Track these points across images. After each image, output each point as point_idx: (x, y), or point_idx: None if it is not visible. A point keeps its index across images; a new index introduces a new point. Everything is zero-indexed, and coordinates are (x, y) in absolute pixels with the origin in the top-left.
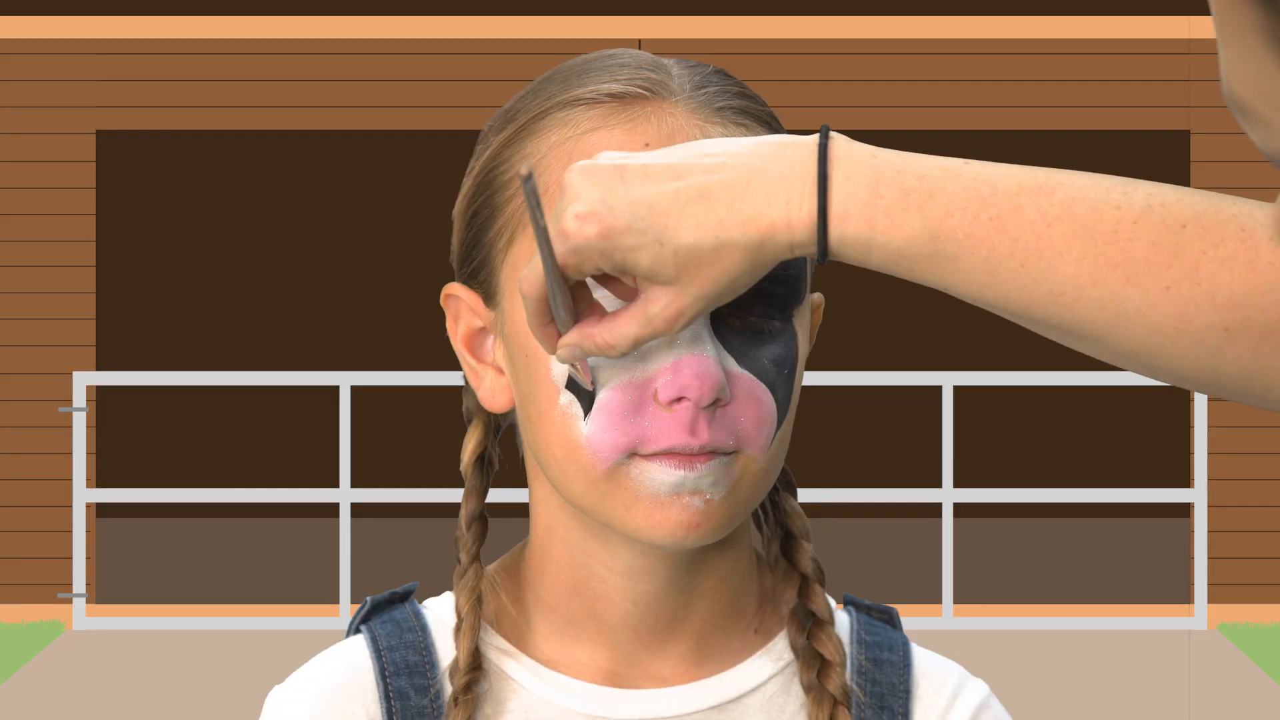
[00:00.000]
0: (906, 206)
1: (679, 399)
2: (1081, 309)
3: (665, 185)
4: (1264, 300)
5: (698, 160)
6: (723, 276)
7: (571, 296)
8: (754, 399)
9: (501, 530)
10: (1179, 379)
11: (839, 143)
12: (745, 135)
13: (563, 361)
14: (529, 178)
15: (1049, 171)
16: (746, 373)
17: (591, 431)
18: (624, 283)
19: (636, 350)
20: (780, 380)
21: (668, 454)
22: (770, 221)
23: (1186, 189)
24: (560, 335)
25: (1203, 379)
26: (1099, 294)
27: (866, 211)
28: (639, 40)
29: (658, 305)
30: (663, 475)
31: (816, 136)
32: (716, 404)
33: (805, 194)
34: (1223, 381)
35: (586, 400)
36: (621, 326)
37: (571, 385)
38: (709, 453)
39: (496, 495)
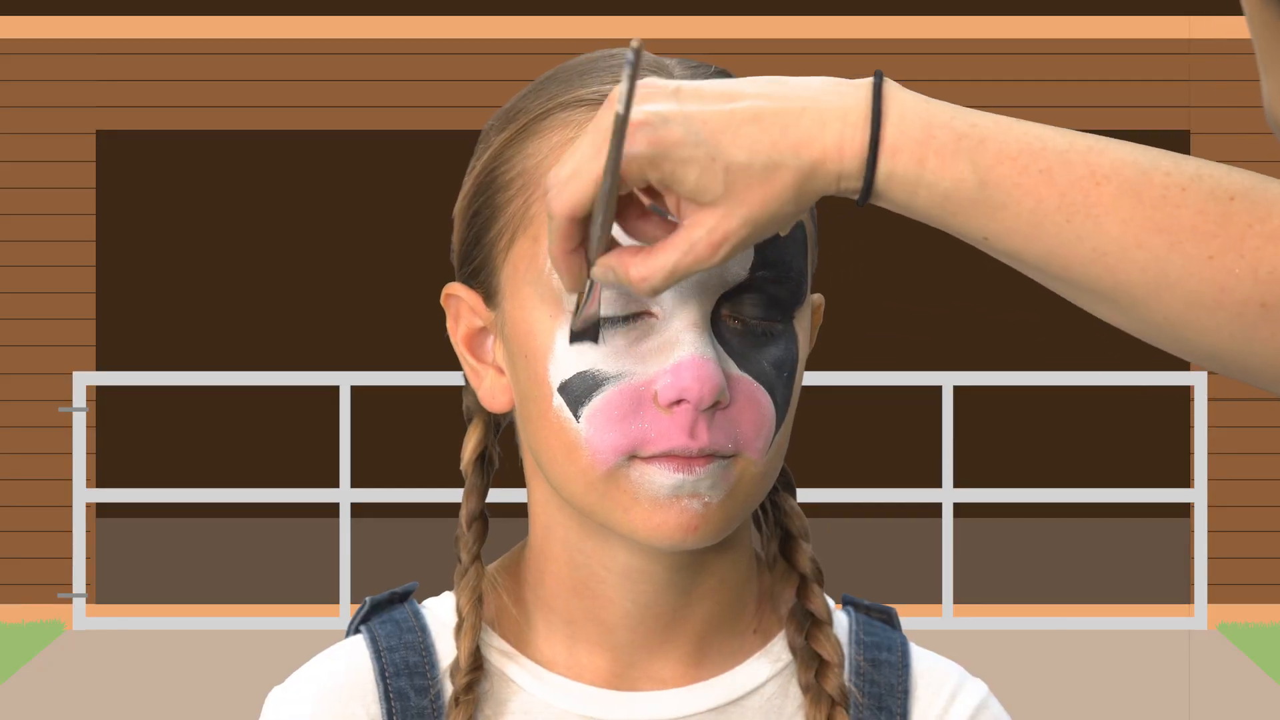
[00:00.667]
0: (958, 150)
1: (679, 401)
2: (1123, 271)
3: (720, 105)
4: None
5: (751, 87)
6: (771, 200)
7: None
8: (753, 402)
9: (501, 530)
10: (1208, 355)
11: (893, 85)
12: None
13: (599, 279)
14: (639, 50)
15: (1099, 137)
16: (746, 375)
17: (590, 433)
18: (664, 211)
19: (636, 349)
20: (780, 383)
21: (667, 456)
22: (823, 147)
23: (1234, 167)
24: (587, 264)
25: (1231, 356)
26: (1142, 257)
27: (918, 150)
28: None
29: (702, 229)
30: (661, 478)
31: (871, 78)
32: (716, 406)
33: (859, 125)
34: (1251, 361)
35: (591, 334)
36: (658, 259)
37: (579, 321)
38: (708, 455)
39: (497, 495)
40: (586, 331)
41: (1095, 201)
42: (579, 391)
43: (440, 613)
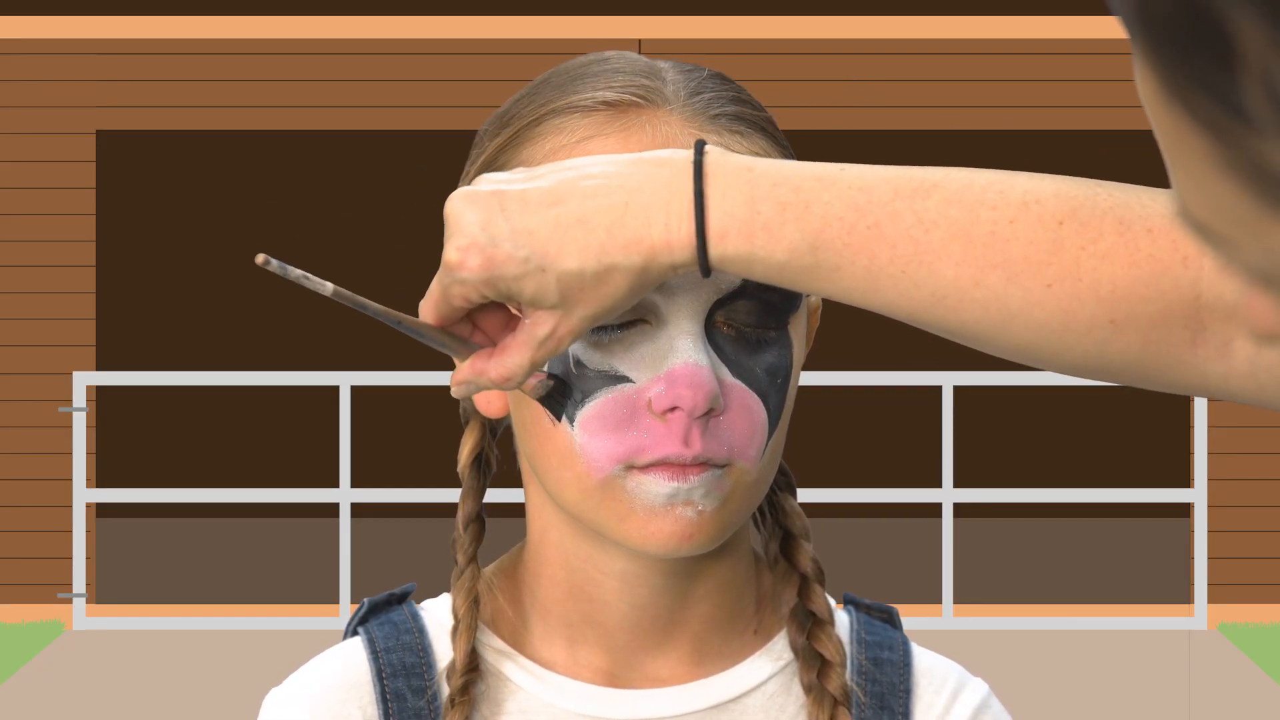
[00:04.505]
0: (784, 220)
1: (673, 409)
2: (965, 311)
3: (545, 212)
4: (1147, 292)
5: (577, 183)
6: (607, 299)
7: (473, 322)
8: (746, 410)
9: (502, 530)
10: (1070, 370)
11: (713, 157)
12: (740, 142)
13: (458, 397)
14: (266, 262)
15: (925, 172)
16: (739, 383)
17: (585, 441)
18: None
19: (630, 356)
20: (773, 390)
21: (661, 464)
22: (651, 244)
23: (1065, 180)
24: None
25: (1091, 368)
26: (981, 295)
27: (744, 228)
28: (638, 40)
29: (545, 329)
30: (656, 487)
31: (691, 153)
32: (710, 414)
33: (683, 215)
34: (1113, 369)
35: (557, 407)
36: (512, 357)
37: (547, 400)
38: (701, 464)
39: (497, 496)
40: (553, 392)
41: (925, 249)
42: (573, 399)
43: (438, 614)
